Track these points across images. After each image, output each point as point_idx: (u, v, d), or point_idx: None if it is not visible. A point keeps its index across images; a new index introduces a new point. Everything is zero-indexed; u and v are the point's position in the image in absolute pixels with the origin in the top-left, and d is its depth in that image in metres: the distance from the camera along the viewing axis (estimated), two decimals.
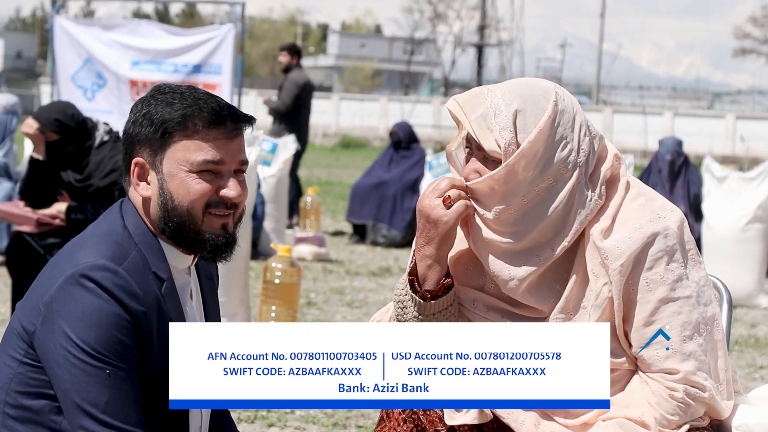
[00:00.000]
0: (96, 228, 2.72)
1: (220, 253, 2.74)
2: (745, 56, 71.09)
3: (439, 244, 2.80)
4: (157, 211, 2.70)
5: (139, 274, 2.62)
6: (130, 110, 2.76)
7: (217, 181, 2.70)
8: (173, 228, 2.70)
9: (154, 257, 2.68)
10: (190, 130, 2.67)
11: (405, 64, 74.91)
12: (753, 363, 7.90)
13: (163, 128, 2.67)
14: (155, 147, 2.68)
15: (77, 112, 6.59)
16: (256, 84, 65.76)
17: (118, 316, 2.55)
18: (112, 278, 2.57)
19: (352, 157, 34.14)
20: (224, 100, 2.74)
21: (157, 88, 2.76)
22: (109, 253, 2.61)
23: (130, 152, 2.72)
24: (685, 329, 2.75)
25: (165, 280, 2.68)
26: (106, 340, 2.53)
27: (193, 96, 2.71)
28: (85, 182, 6.52)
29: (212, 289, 2.95)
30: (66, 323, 2.53)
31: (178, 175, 2.68)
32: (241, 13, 15.28)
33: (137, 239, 2.68)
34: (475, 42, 59.71)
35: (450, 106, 2.86)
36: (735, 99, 67.19)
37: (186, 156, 2.67)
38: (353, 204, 13.56)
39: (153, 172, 2.70)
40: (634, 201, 2.82)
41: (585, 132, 2.81)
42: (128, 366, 2.56)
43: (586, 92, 65.88)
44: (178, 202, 2.68)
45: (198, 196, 2.68)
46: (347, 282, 10.41)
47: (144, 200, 2.72)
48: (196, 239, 2.71)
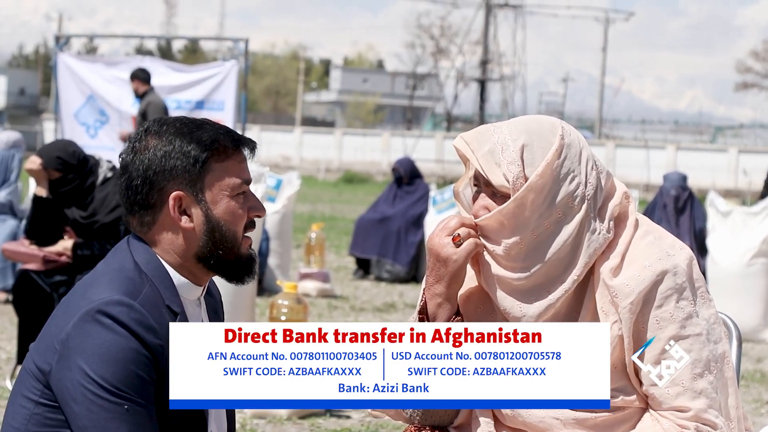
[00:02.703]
0: (107, 265, 2.71)
1: (252, 274, 2.79)
2: (747, 90, 71.20)
3: (449, 282, 2.80)
4: (203, 242, 2.71)
5: (154, 308, 2.62)
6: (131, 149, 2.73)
7: (247, 202, 2.75)
8: (219, 256, 2.72)
9: (167, 291, 2.68)
10: (222, 155, 2.70)
11: (407, 99, 75.15)
12: (759, 398, 7.88)
13: (199, 158, 2.68)
14: (194, 177, 2.68)
15: (79, 150, 6.63)
16: (259, 119, 65.97)
17: (136, 351, 2.54)
18: (129, 312, 2.56)
19: (355, 192, 34.20)
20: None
21: (158, 122, 2.76)
22: (123, 288, 2.61)
23: (162, 188, 2.69)
24: (695, 367, 2.74)
25: (178, 314, 2.68)
26: (124, 376, 2.52)
27: (207, 123, 2.75)
28: (90, 219, 6.54)
29: (220, 316, 2.96)
30: (83, 360, 2.52)
31: (222, 201, 2.70)
32: (245, 49, 15.36)
33: (150, 274, 2.68)
34: (478, 77, 59.88)
35: (457, 144, 2.87)
36: (737, 133, 67.31)
37: (225, 181, 2.70)
38: (357, 238, 13.57)
39: (195, 202, 2.70)
40: (643, 239, 2.83)
41: (592, 166, 2.82)
42: (146, 401, 2.55)
43: (589, 126, 66.02)
44: (227, 228, 2.71)
45: (243, 219, 2.73)
46: (352, 318, 10.40)
47: (173, 237, 2.71)
48: (237, 263, 2.75)
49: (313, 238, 12.21)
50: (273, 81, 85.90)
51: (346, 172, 44.12)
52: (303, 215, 21.94)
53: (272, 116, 77.42)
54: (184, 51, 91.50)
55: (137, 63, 14.85)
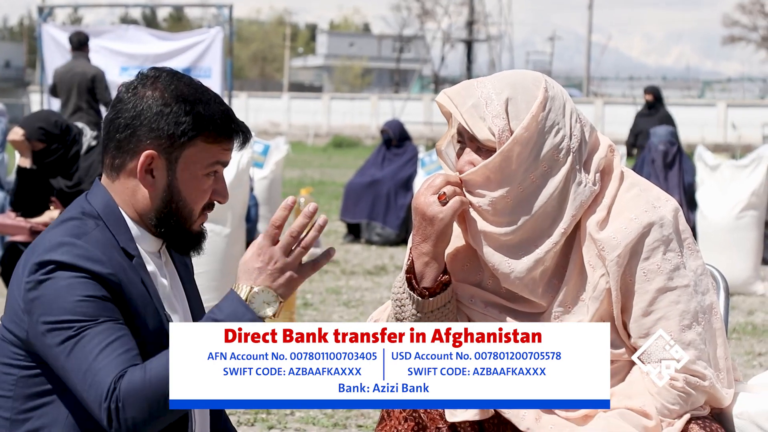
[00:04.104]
0: (58, 217, 2.71)
1: (198, 248, 2.77)
2: (734, 44, 71.17)
3: (435, 241, 2.79)
4: (155, 205, 2.68)
5: (103, 247, 2.59)
6: (133, 87, 2.68)
7: (213, 184, 2.72)
8: (170, 225, 2.69)
9: (122, 236, 2.66)
10: (211, 138, 2.67)
11: (394, 61, 74.92)
12: (751, 350, 7.90)
13: (188, 132, 2.64)
14: (175, 145, 2.65)
15: (61, 119, 6.60)
16: (246, 86, 65.79)
17: (84, 281, 2.51)
18: (72, 250, 2.54)
19: (344, 157, 34.15)
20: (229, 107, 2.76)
21: (171, 75, 2.71)
22: (68, 232, 2.59)
23: (140, 140, 2.66)
24: (683, 318, 2.74)
25: (135, 257, 2.66)
26: (75, 304, 2.49)
27: (215, 100, 2.70)
28: (76, 188, 6.53)
29: (189, 275, 2.93)
30: (40, 312, 2.51)
31: (191, 176, 2.68)
32: (229, 16, 15.30)
33: (105, 218, 2.66)
34: (464, 38, 59.74)
35: (440, 100, 2.85)
36: (725, 87, 67.29)
37: (202, 158, 2.67)
38: (347, 203, 13.55)
39: (164, 168, 2.67)
40: (628, 191, 2.82)
41: (576, 119, 2.81)
42: (110, 317, 2.51)
43: (577, 84, 65.93)
44: (184, 203, 2.68)
45: (203, 200, 2.70)
46: (343, 282, 10.41)
47: (134, 189, 2.69)
48: (184, 236, 2.72)
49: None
50: (259, 47, 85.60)
51: (335, 137, 44.04)
52: (292, 181, 21.91)
53: (259, 83, 77.20)
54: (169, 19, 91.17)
55: (122, 32, 14.82)
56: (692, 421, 2.73)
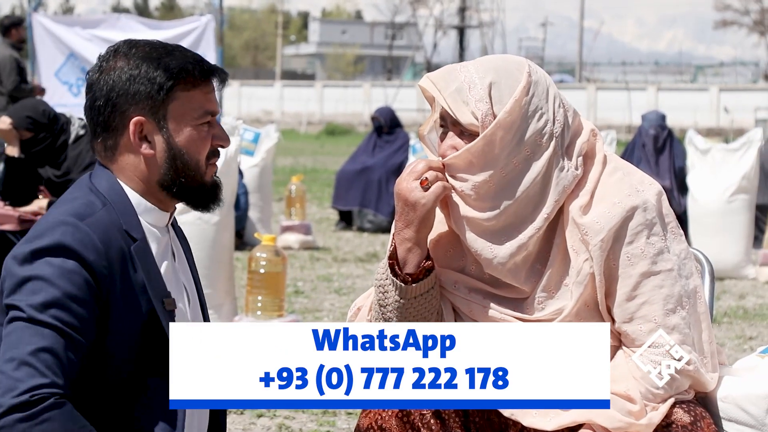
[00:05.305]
0: (63, 196, 2.70)
1: (217, 201, 2.77)
2: (726, 28, 71.14)
3: (418, 226, 2.78)
4: (162, 168, 2.68)
5: (105, 230, 2.57)
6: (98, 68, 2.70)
7: (211, 131, 2.73)
8: (182, 183, 2.69)
9: (127, 217, 2.65)
10: (189, 84, 2.67)
11: (387, 49, 74.82)
12: (742, 334, 7.91)
13: (165, 85, 2.64)
14: (157, 103, 2.65)
15: (49, 108, 6.61)
16: (238, 74, 65.67)
17: (73, 271, 2.50)
18: (74, 233, 2.52)
19: (337, 144, 34.14)
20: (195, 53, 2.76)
21: (128, 43, 2.73)
22: (72, 211, 2.58)
23: (123, 112, 2.66)
24: (667, 303, 2.74)
25: (138, 240, 2.64)
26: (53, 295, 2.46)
27: (178, 50, 2.72)
28: (64, 177, 6.52)
29: (190, 251, 2.93)
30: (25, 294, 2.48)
31: (185, 129, 2.68)
32: (220, 4, 15.26)
33: (111, 199, 2.65)
34: (456, 24, 59.76)
35: (423, 84, 2.84)
36: (718, 71, 67.27)
37: (190, 109, 2.68)
38: (338, 190, 13.55)
39: (156, 129, 2.67)
40: (611, 176, 2.81)
41: (559, 104, 2.80)
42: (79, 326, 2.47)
43: (569, 70, 65.91)
44: (189, 156, 2.69)
45: (206, 148, 2.71)
46: (335, 269, 10.40)
47: (135, 162, 2.68)
48: (201, 190, 2.73)
49: (293, 191, 12.17)
50: (251, 35, 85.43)
51: (328, 125, 44.03)
52: (285, 168, 21.90)
53: (252, 71, 77.05)
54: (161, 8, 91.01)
55: (114, 21, 14.76)
56: (677, 405, 2.72)
